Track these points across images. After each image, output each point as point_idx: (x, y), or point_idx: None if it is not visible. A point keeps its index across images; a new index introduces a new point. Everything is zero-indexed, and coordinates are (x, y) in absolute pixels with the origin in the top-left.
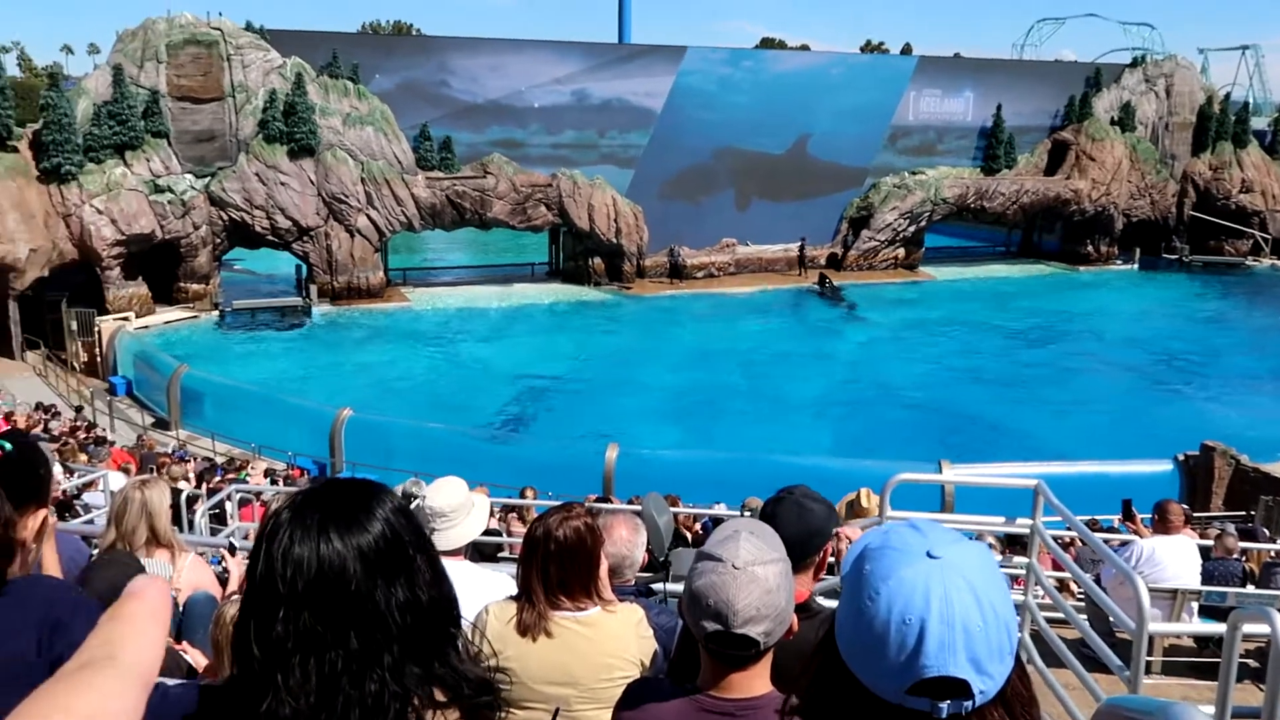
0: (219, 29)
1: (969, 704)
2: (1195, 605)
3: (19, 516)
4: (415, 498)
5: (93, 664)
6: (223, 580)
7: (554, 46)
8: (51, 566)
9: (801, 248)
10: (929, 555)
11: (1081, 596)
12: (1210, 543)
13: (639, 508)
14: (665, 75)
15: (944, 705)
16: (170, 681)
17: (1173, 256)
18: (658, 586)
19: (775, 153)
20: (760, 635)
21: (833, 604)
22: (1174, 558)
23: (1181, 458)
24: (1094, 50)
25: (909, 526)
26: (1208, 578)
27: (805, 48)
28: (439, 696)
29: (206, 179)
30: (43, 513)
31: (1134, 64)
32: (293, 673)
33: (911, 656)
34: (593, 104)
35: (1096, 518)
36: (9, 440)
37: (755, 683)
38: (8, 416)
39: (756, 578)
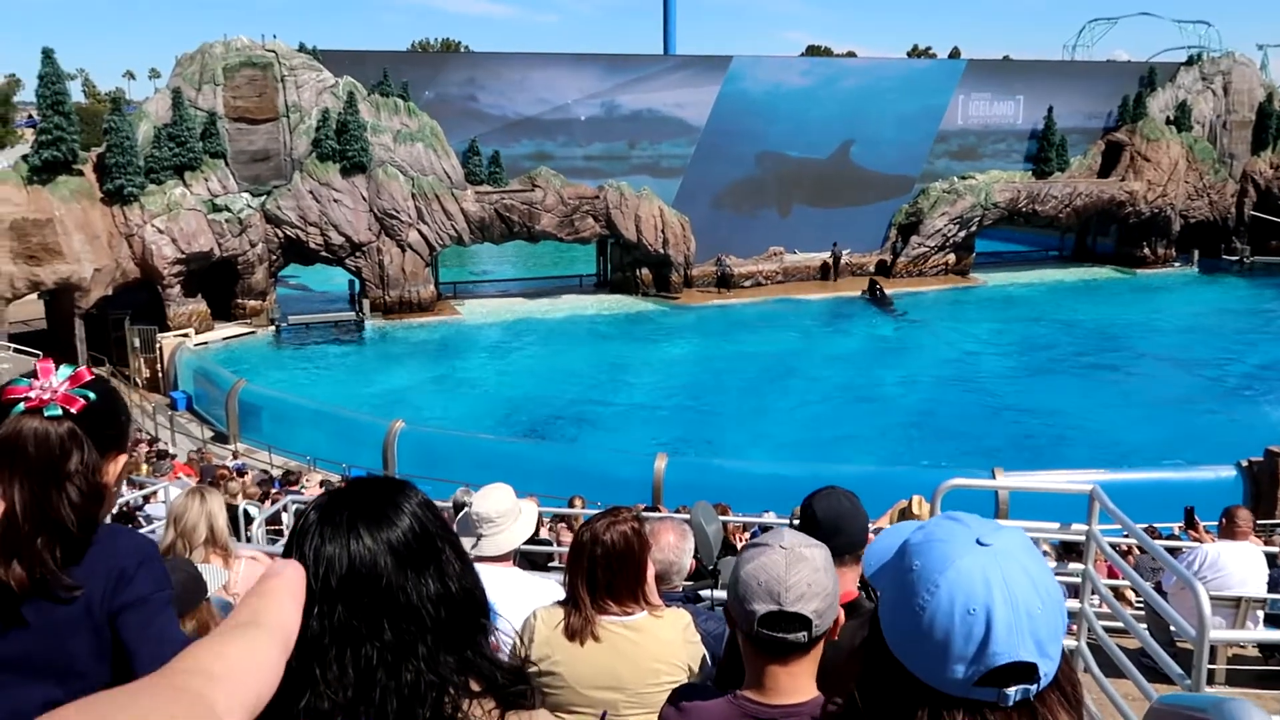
0: (273, 51)
1: (1034, 688)
2: (1261, 614)
3: (103, 462)
4: (465, 505)
5: (240, 625)
6: None
7: (600, 60)
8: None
9: (835, 255)
10: (979, 543)
11: (1140, 605)
12: (1276, 550)
13: (687, 516)
14: (711, 85)
15: (1011, 691)
16: None
17: (1233, 258)
18: (705, 594)
19: (820, 158)
20: (812, 614)
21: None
22: (1239, 564)
23: (1245, 464)
24: (1148, 49)
25: (947, 519)
26: (1274, 586)
27: (852, 54)
28: (474, 686)
29: (262, 197)
30: (123, 458)
31: (1190, 62)
32: (330, 667)
33: (981, 646)
34: (639, 116)
35: (1155, 525)
36: (92, 389)
37: (800, 683)
38: None
39: (805, 557)
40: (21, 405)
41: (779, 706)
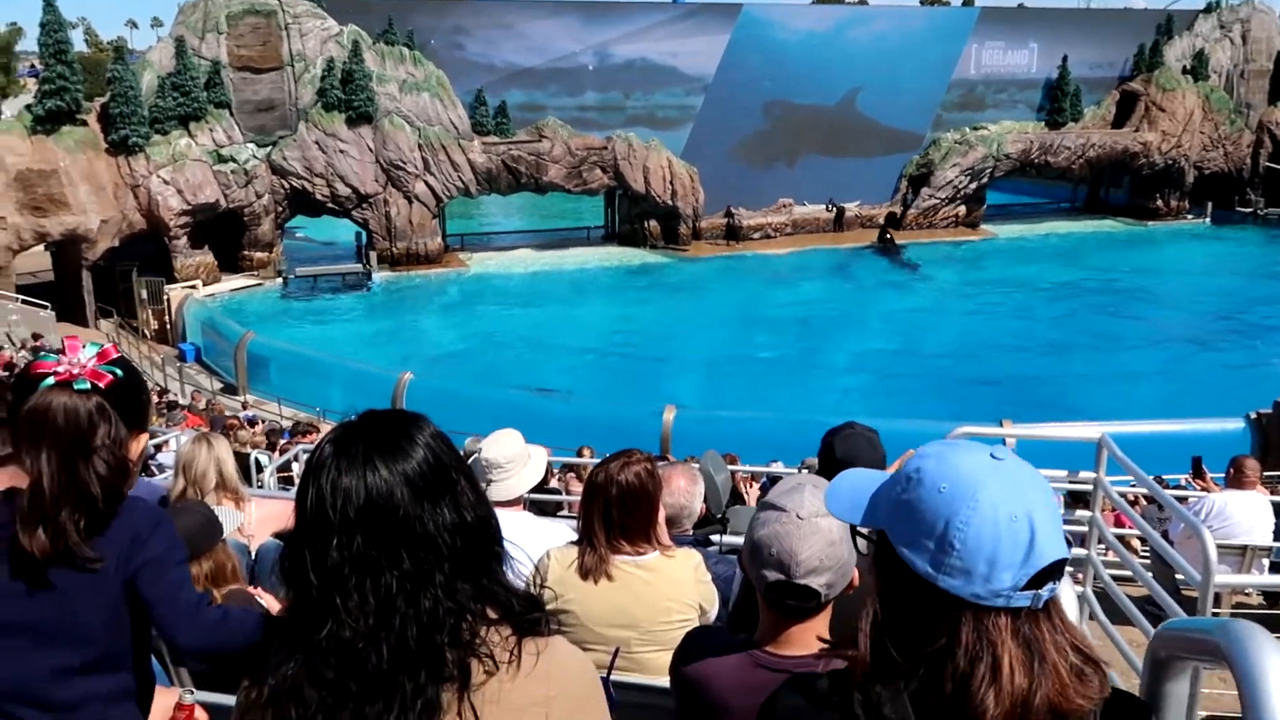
0: None
1: (1056, 585)
2: (1266, 562)
3: (127, 438)
4: (475, 453)
5: None
6: None
7: (610, 7)
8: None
9: (834, 208)
10: (994, 458)
11: (1146, 554)
12: None
13: (697, 465)
14: (720, 34)
15: (1044, 592)
16: (234, 607)
17: (1247, 210)
18: (715, 538)
19: (828, 104)
20: (822, 586)
21: None
22: (1246, 513)
23: (1254, 415)
24: None
25: (949, 447)
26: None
27: (864, 2)
28: (490, 614)
29: (268, 148)
30: (144, 437)
31: (1208, 9)
32: (350, 596)
33: (1029, 549)
34: (648, 65)
35: (1164, 476)
36: (119, 366)
37: (812, 638)
38: None
39: (820, 529)
40: (50, 379)
41: (792, 658)
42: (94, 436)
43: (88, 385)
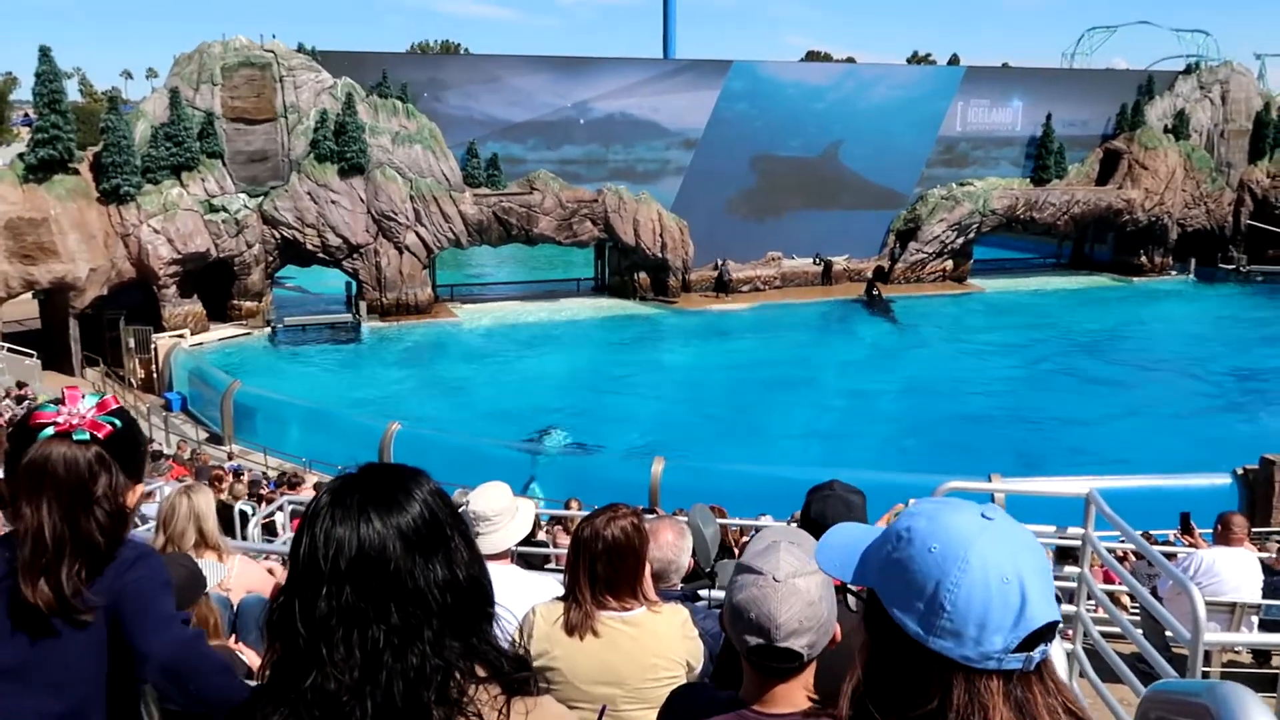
0: (272, 51)
1: (1049, 646)
2: (1255, 619)
3: (125, 487)
4: (462, 505)
5: None
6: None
7: (600, 64)
8: None
9: (821, 261)
10: (985, 517)
11: (1136, 610)
12: (1271, 556)
13: (685, 519)
14: (710, 90)
15: (1035, 654)
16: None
17: (1230, 267)
18: (703, 593)
19: (812, 158)
20: (803, 648)
21: None
22: (1234, 570)
23: (1240, 471)
24: (1147, 58)
25: (940, 506)
26: (1268, 592)
27: (851, 60)
28: (480, 672)
29: (259, 198)
30: (140, 487)
31: (1188, 70)
32: (337, 648)
33: (1019, 612)
34: (637, 119)
35: (1151, 532)
36: (118, 417)
37: (798, 695)
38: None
39: (798, 590)
40: (50, 430)
41: (779, 716)
42: (95, 486)
43: (87, 436)
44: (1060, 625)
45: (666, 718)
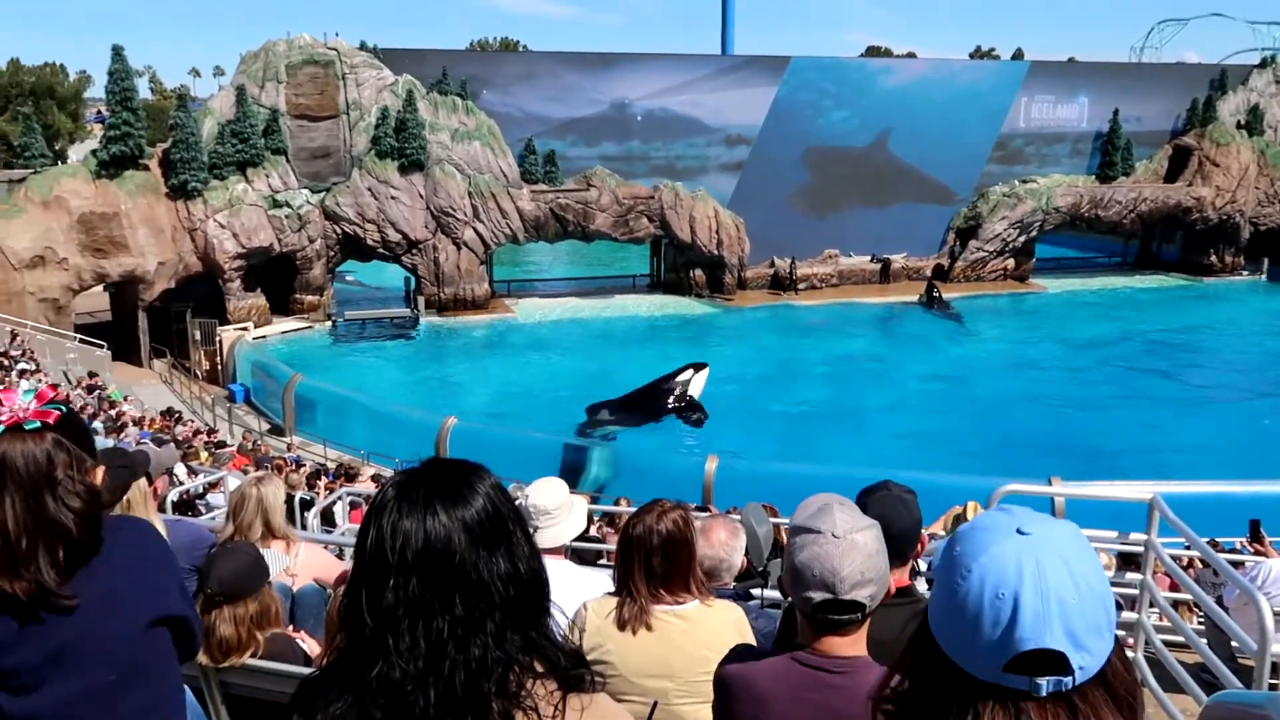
0: (335, 49)
1: (1069, 680)
2: None
3: (91, 468)
4: (517, 499)
5: None
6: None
7: (658, 60)
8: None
9: (878, 260)
10: (1019, 532)
11: (1201, 620)
12: None
13: (738, 517)
14: (769, 86)
15: (1044, 682)
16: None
17: None
18: (756, 592)
19: (865, 151)
20: (867, 599)
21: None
22: None
23: None
24: (1219, 52)
25: (998, 510)
26: None
27: (912, 55)
28: (538, 667)
29: (321, 194)
30: (100, 470)
31: (1263, 64)
32: (403, 638)
33: (1007, 631)
34: (696, 115)
35: (1218, 539)
36: (59, 404)
37: (852, 646)
38: (138, 421)
39: (857, 544)
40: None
41: (833, 658)
42: (55, 470)
43: (38, 424)
44: (1120, 630)
45: (724, 664)
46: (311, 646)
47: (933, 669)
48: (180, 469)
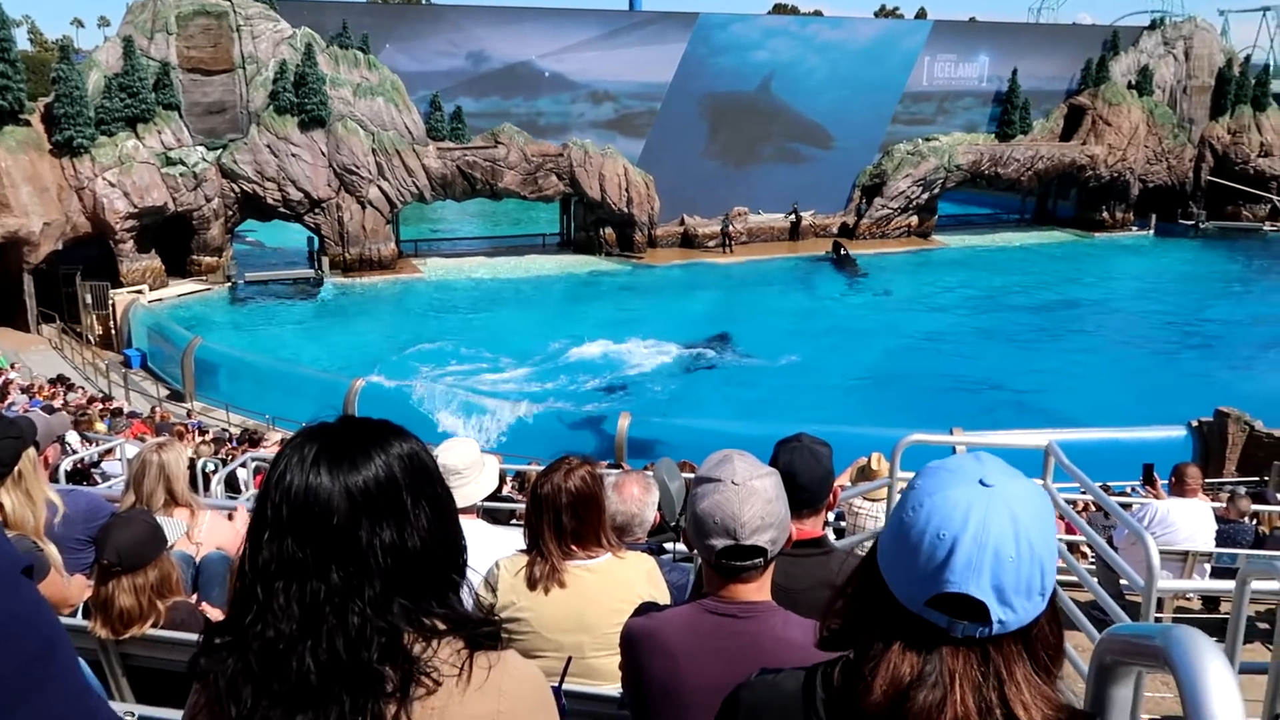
0: (229, 0)
1: (985, 630)
2: (1207, 567)
3: None
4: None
5: None
6: None
7: (566, 14)
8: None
9: (796, 215)
10: (981, 483)
11: (1093, 560)
12: (1223, 506)
13: (651, 474)
14: (676, 43)
15: (960, 624)
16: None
17: (1189, 222)
18: (669, 546)
19: (782, 115)
20: (767, 543)
21: (840, 543)
22: (1188, 520)
23: (1195, 423)
24: (1112, 13)
25: (972, 455)
26: (1220, 541)
27: (818, 13)
28: (440, 627)
29: (218, 151)
30: None
31: (1152, 26)
32: (277, 596)
33: (938, 569)
34: (603, 71)
35: (1109, 484)
36: None
37: (755, 592)
38: (27, 389)
39: (756, 490)
40: None
41: (738, 603)
42: None
43: None
44: (1003, 618)
45: (631, 618)
46: (215, 615)
47: (870, 592)
48: (73, 437)
